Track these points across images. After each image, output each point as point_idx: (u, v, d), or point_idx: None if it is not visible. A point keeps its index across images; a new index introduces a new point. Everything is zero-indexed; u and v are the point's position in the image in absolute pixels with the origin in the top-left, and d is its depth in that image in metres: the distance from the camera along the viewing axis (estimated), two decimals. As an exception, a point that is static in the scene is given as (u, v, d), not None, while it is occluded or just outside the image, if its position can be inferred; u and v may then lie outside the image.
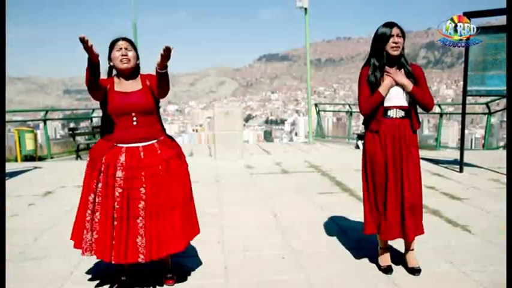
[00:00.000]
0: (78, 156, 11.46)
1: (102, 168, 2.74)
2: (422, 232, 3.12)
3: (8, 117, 9.30)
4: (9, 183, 6.49)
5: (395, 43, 2.95)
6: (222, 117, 8.79)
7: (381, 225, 3.08)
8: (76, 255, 3.48)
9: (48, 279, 3.09)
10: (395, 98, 3.03)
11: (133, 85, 2.85)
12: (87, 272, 3.21)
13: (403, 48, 3.02)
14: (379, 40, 2.99)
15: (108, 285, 3.00)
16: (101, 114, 2.98)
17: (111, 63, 2.86)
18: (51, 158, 11.67)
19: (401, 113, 3.03)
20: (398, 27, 2.98)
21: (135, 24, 14.72)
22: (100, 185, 2.74)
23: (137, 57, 2.88)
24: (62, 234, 4.08)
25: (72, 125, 13.75)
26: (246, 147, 10.70)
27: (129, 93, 2.80)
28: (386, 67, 3.03)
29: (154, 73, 2.82)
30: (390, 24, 2.97)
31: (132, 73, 2.87)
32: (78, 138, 12.13)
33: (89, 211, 2.77)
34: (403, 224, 3.03)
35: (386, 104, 3.03)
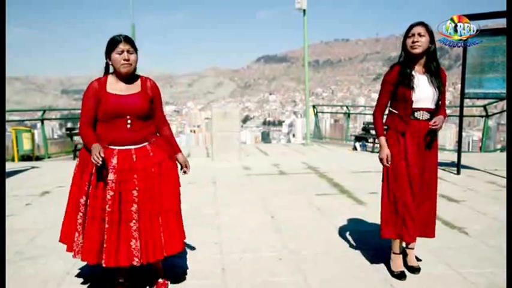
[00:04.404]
0: (75, 156, 11.44)
1: (93, 170, 2.66)
2: (433, 235, 3.17)
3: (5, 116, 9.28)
4: (6, 182, 6.46)
5: (414, 42, 2.94)
6: (219, 118, 8.79)
7: (405, 229, 2.99)
8: (73, 255, 3.48)
9: (45, 279, 3.08)
10: (425, 100, 2.99)
11: (131, 87, 2.77)
12: (84, 272, 3.20)
13: (431, 48, 2.98)
14: (403, 38, 3.03)
15: (105, 286, 2.99)
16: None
17: (110, 62, 2.74)
18: (49, 157, 11.65)
19: (427, 116, 3.01)
20: (424, 26, 2.96)
21: (133, 26, 14.70)
22: (91, 186, 2.67)
23: (137, 57, 2.77)
24: (59, 234, 4.07)
25: (69, 124, 13.68)
26: (243, 149, 10.70)
27: (125, 96, 2.72)
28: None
29: (152, 78, 2.85)
30: (414, 24, 2.99)
31: (130, 75, 2.78)
32: (75, 138, 12.07)
33: (80, 213, 2.71)
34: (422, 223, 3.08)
35: (415, 106, 2.99)
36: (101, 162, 2.53)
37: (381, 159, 3.07)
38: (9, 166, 8.28)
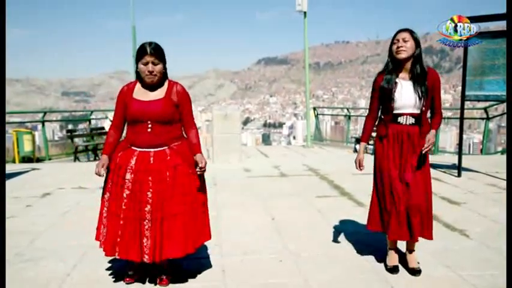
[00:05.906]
0: (76, 158, 11.45)
1: (115, 168, 2.86)
2: (430, 237, 3.13)
3: (6, 118, 9.29)
4: (7, 184, 6.46)
5: (398, 47, 3.00)
6: (220, 120, 8.80)
7: (389, 225, 3.08)
8: (73, 257, 3.49)
9: (45, 281, 3.07)
10: (408, 107, 3.04)
11: (156, 93, 2.88)
12: (84, 274, 3.19)
13: (417, 54, 3.01)
14: (390, 45, 3.09)
15: (105, 287, 2.99)
16: (99, 116, 3.01)
17: (138, 70, 2.85)
18: (49, 159, 11.66)
19: (412, 120, 3.06)
20: (409, 32, 3.01)
21: (134, 28, 14.71)
22: (112, 183, 2.88)
23: (164, 66, 2.86)
24: (59, 236, 4.08)
25: (70, 126, 13.74)
26: (244, 150, 10.71)
27: (148, 102, 2.83)
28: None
29: (181, 84, 2.94)
30: (399, 30, 3.06)
31: (156, 83, 2.87)
32: (76, 139, 12.12)
33: (105, 208, 2.91)
34: (409, 224, 3.05)
35: (397, 111, 3.06)
36: (101, 175, 2.83)
37: (355, 162, 3.31)
38: (10, 168, 8.29)
